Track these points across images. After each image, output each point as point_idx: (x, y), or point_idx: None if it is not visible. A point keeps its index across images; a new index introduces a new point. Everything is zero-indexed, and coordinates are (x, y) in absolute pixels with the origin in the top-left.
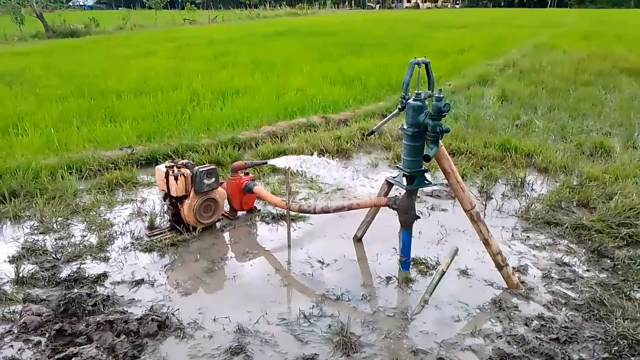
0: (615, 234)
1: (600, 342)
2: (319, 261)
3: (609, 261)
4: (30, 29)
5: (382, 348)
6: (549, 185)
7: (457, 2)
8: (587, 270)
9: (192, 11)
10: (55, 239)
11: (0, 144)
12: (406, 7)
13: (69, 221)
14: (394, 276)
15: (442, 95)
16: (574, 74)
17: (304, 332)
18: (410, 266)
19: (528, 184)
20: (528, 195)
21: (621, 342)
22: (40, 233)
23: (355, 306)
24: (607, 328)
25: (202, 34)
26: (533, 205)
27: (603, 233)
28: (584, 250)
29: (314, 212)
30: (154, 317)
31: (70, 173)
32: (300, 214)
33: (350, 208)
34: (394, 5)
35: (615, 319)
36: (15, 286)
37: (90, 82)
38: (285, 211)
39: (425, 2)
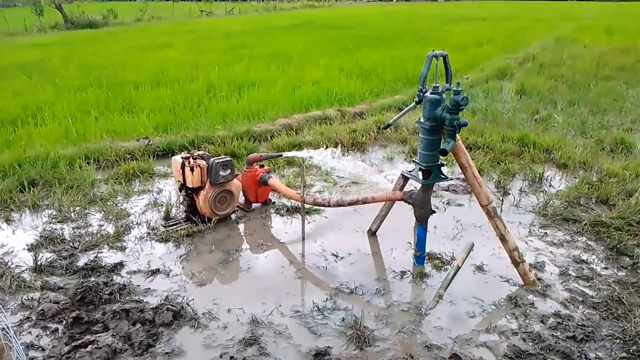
0: (635, 231)
1: (617, 341)
2: (333, 254)
3: (628, 259)
4: (49, 20)
5: (396, 342)
6: (567, 181)
7: None
8: (606, 268)
9: (209, 3)
10: (73, 228)
11: (20, 133)
12: None
13: (86, 211)
14: (409, 271)
15: (460, 89)
16: (595, 68)
17: (318, 325)
18: (425, 261)
19: (546, 179)
20: (546, 191)
21: None
22: (58, 222)
23: (369, 300)
24: (626, 327)
25: (218, 26)
26: (551, 202)
27: (622, 230)
28: (602, 248)
29: (329, 205)
30: (169, 306)
31: (88, 163)
32: (315, 207)
33: (365, 202)
34: None
35: (634, 317)
36: (34, 274)
37: (108, 73)
38: (300, 204)
39: None
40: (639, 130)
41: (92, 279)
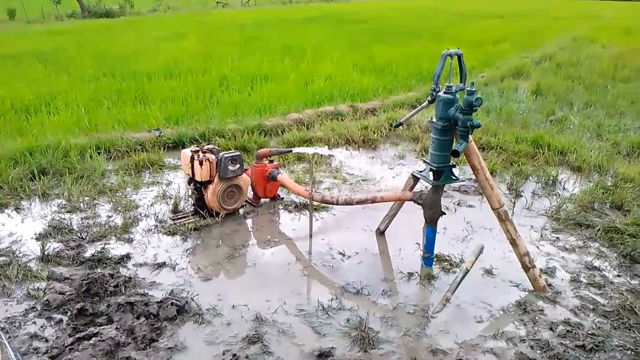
0: None
1: (629, 352)
2: (340, 253)
3: None
4: (66, 8)
5: (401, 345)
6: (581, 184)
7: None
8: (618, 276)
9: None
10: (82, 219)
11: (33, 121)
12: None
13: (95, 201)
14: (416, 272)
15: (474, 89)
16: (613, 69)
17: (322, 325)
18: (433, 263)
19: (560, 182)
20: (559, 195)
21: None
22: (67, 212)
23: (375, 301)
24: (637, 338)
25: (233, 18)
26: (564, 205)
27: (637, 237)
28: (615, 255)
29: (337, 204)
30: (173, 301)
31: (98, 153)
32: (323, 204)
33: (374, 201)
34: None
35: None
36: (41, 263)
37: (122, 63)
38: (308, 201)
39: None
40: None
41: (98, 270)
